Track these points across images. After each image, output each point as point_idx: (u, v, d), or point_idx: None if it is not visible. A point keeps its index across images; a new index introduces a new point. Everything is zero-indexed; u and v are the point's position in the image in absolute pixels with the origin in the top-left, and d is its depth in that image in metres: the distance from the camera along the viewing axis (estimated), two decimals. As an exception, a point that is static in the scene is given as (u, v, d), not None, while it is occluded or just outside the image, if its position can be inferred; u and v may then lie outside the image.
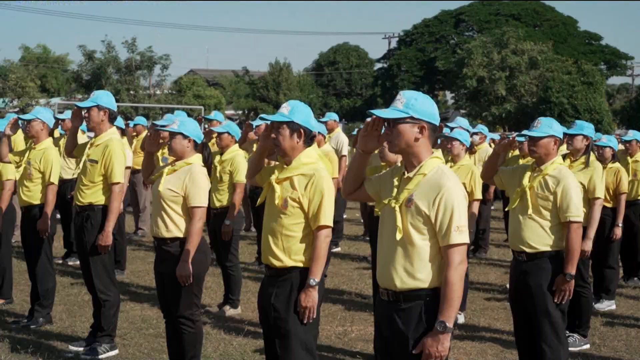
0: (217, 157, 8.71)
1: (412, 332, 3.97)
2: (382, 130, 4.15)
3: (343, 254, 12.73)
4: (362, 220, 14.46)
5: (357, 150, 4.43)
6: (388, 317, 4.09)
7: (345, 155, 13.19)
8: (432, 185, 3.97)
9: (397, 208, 4.02)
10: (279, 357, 5.01)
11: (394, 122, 4.02)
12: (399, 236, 3.99)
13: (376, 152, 5.88)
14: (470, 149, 9.43)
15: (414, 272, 3.97)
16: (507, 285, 6.47)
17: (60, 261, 11.11)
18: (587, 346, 7.69)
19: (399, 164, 4.22)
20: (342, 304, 9.25)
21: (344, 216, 14.39)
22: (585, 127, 8.02)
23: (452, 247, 3.91)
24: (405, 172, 4.08)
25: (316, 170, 4.98)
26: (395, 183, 4.11)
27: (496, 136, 18.09)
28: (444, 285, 3.91)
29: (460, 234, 3.91)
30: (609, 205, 9.13)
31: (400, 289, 4.00)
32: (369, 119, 4.22)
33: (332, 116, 13.99)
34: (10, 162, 8.31)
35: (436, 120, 4.08)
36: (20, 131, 9.37)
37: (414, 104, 4.03)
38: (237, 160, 8.69)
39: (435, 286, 3.96)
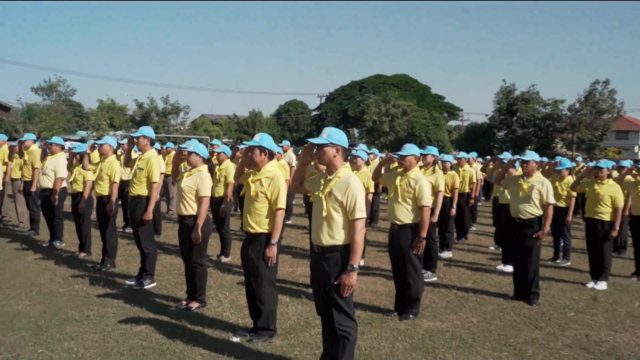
0: (217, 167, 8.63)
1: (332, 271, 4.00)
2: (315, 150, 4.18)
3: (292, 224, 12.70)
4: (304, 205, 14.45)
5: (299, 163, 4.44)
6: (318, 263, 4.10)
7: (294, 166, 13.17)
8: (344, 183, 4.01)
9: (323, 197, 4.07)
10: (254, 287, 5.01)
11: (321, 146, 4.08)
12: (324, 214, 4.03)
13: (312, 164, 5.88)
14: (367, 163, 9.51)
15: (333, 235, 4.00)
16: (387, 243, 6.55)
17: (121, 229, 10.87)
18: (435, 278, 7.82)
19: (324, 171, 4.24)
20: (291, 255, 9.22)
21: (293, 202, 14.36)
22: (433, 150, 8.20)
23: (356, 220, 3.95)
24: (328, 176, 4.12)
25: (275, 175, 5.01)
26: (322, 182, 4.15)
27: (383, 155, 18.24)
28: (352, 243, 3.96)
29: (361, 212, 3.96)
30: (448, 195, 9.30)
31: (325, 245, 4.03)
32: (306, 145, 4.24)
33: (286, 142, 13.95)
34: (89, 170, 8.23)
35: (346, 145, 4.15)
36: (96, 150, 9.15)
37: (333, 135, 4.10)
38: (229, 169, 8.62)
39: (346, 243, 4.00)
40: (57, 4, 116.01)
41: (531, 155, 6.95)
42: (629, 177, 9.20)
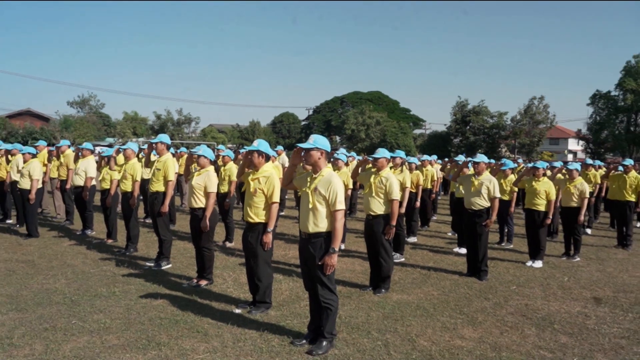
0: (222, 168, 8.55)
1: (317, 253, 3.98)
2: (302, 153, 4.15)
3: (285, 215, 12.60)
4: (295, 199, 14.41)
5: (290, 164, 4.41)
6: (305, 246, 4.07)
7: (286, 167, 13.12)
8: (326, 180, 3.99)
9: (309, 192, 4.04)
10: (253, 267, 4.96)
11: (307, 149, 4.04)
12: (310, 206, 4.00)
13: (301, 165, 5.85)
14: (346, 164, 9.48)
15: (317, 223, 3.97)
16: (364, 230, 6.54)
17: (142, 220, 10.76)
18: (403, 259, 7.80)
19: (310, 171, 4.21)
20: (284, 240, 9.18)
21: (286, 197, 14.30)
22: (401, 153, 8.14)
23: (337, 211, 3.93)
24: (313, 175, 4.10)
25: (271, 174, 4.97)
26: (309, 180, 4.12)
27: (360, 157, 18.22)
28: (333, 230, 3.94)
29: (341, 204, 3.93)
30: (414, 191, 9.28)
31: (311, 232, 4.00)
32: (296, 149, 4.21)
33: (280, 147, 13.89)
34: (115, 170, 8.13)
35: (329, 149, 4.12)
36: (121, 154, 9.04)
37: (318, 140, 4.07)
38: (232, 169, 8.54)
39: (329, 230, 3.97)
40: (89, 33, 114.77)
41: (481, 158, 6.99)
42: (559, 175, 9.28)
